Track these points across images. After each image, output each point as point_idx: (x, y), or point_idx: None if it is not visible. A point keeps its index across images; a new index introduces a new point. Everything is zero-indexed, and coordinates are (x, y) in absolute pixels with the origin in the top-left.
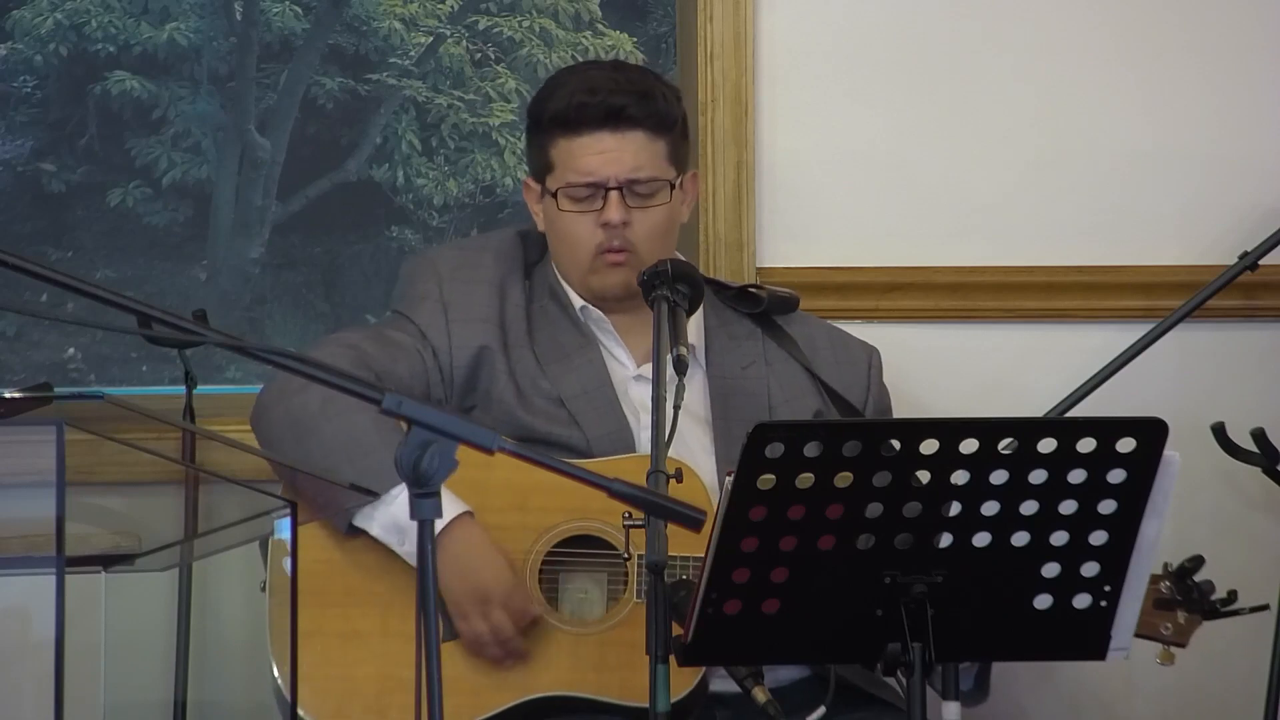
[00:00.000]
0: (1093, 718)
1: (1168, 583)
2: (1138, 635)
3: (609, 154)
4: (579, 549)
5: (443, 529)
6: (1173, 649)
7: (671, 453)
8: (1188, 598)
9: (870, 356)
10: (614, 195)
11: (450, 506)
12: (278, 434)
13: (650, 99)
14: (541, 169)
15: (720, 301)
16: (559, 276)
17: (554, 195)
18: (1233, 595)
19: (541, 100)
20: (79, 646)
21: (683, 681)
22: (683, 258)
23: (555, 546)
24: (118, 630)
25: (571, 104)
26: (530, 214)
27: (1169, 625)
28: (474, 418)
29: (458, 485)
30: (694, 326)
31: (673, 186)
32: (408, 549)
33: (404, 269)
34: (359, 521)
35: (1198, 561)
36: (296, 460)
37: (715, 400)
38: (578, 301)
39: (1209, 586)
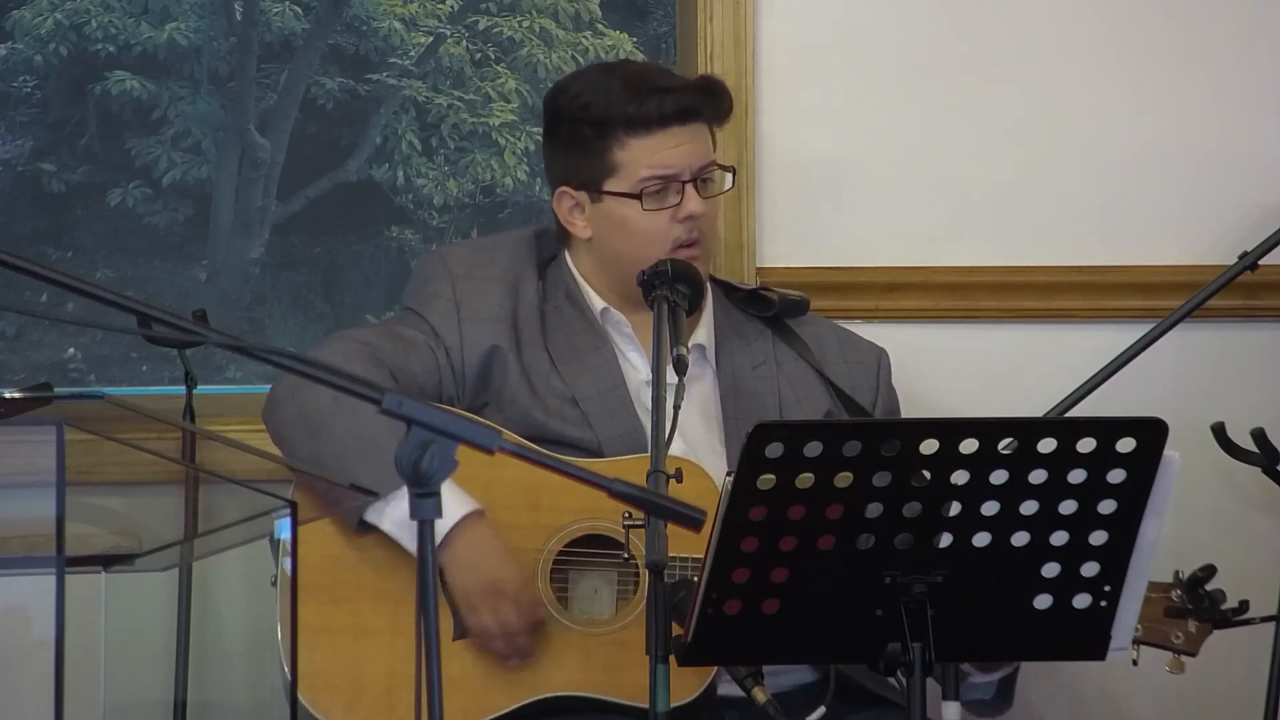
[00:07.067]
0: (1094, 716)
1: (1179, 591)
2: (1148, 643)
3: (683, 147)
4: (590, 549)
5: (454, 526)
6: (1183, 658)
7: (682, 453)
8: (1199, 607)
9: (879, 358)
10: (690, 188)
11: (460, 505)
12: (289, 430)
13: (714, 94)
14: (598, 174)
15: (730, 303)
16: (577, 277)
17: (632, 197)
18: (1244, 605)
19: (589, 106)
20: (79, 646)
21: (690, 685)
22: None
23: (567, 546)
24: (118, 630)
25: (645, 104)
26: (561, 222)
27: (1179, 634)
28: (486, 416)
29: (471, 483)
30: (704, 327)
31: (733, 171)
32: None
33: (417, 266)
34: (370, 517)
35: (1209, 571)
36: (308, 456)
37: (725, 400)
38: (598, 303)
39: (1220, 595)
